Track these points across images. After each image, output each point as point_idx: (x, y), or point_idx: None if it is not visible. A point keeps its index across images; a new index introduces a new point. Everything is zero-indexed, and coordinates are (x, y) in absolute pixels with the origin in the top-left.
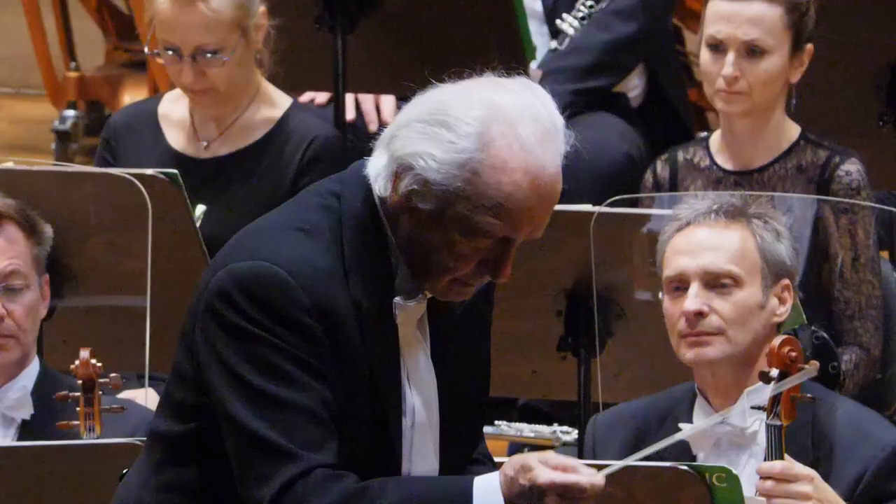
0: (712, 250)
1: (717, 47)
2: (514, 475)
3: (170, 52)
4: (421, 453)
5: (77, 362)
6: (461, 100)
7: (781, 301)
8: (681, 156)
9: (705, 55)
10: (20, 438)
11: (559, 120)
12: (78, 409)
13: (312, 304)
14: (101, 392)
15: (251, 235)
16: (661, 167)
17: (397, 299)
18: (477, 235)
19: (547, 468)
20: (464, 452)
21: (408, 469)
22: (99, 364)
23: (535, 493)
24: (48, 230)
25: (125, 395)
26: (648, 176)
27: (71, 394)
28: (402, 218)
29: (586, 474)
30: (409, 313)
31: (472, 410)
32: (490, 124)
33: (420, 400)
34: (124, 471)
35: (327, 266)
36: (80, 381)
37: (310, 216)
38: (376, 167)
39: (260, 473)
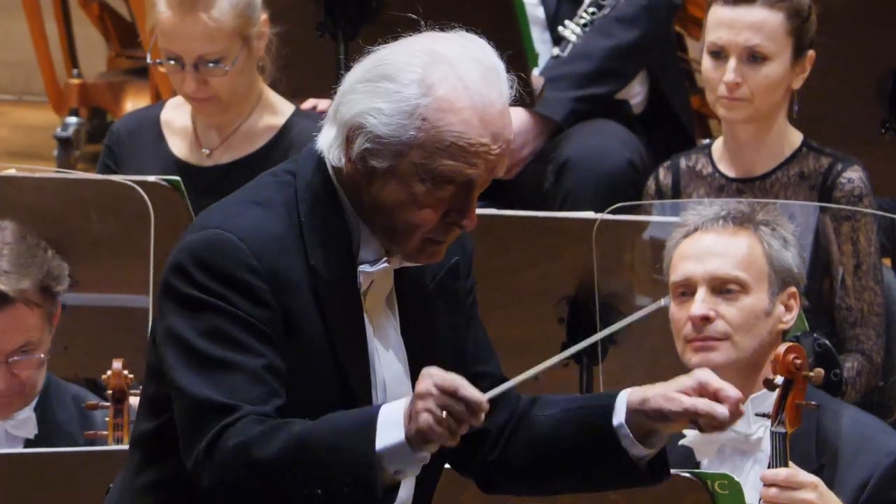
0: (719, 256)
1: (719, 54)
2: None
3: (171, 62)
4: None
5: (109, 373)
6: (401, 53)
7: (788, 308)
8: (683, 163)
9: (707, 62)
10: None
11: (499, 63)
12: (107, 419)
13: (262, 267)
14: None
15: (206, 212)
16: (664, 174)
17: (362, 266)
18: (437, 182)
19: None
20: None
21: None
22: (130, 375)
23: (418, 406)
24: (64, 280)
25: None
26: (651, 183)
27: (101, 403)
28: (361, 183)
29: (470, 389)
30: (376, 288)
31: None
32: (431, 69)
33: (391, 375)
34: (111, 485)
35: (281, 234)
36: (110, 392)
37: (265, 192)
38: (327, 140)
39: (200, 432)
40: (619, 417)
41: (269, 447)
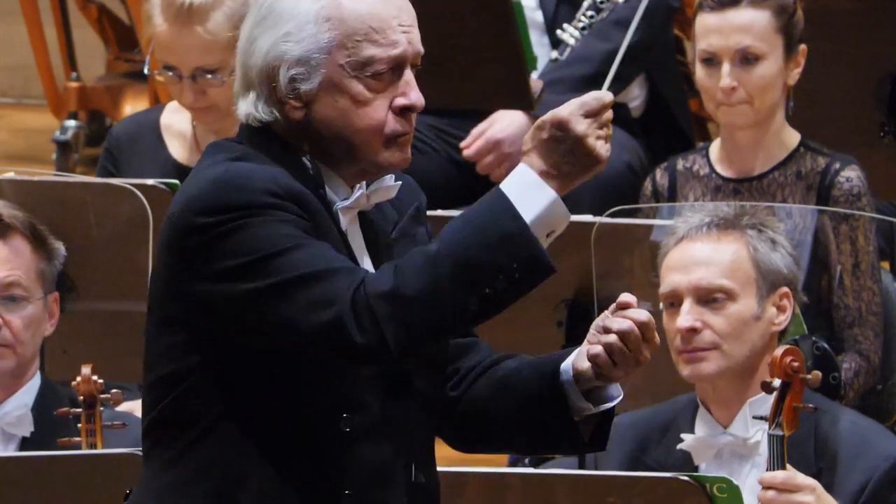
0: (704, 265)
1: (711, 60)
2: (538, 135)
3: (169, 73)
4: None
5: (78, 379)
6: None
7: (780, 310)
8: (680, 164)
9: (700, 71)
10: None
11: None
12: (79, 425)
13: (278, 186)
14: (102, 408)
15: (185, 185)
16: (661, 175)
17: (337, 204)
18: (370, 73)
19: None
20: (430, 379)
21: None
22: (100, 381)
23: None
24: (59, 248)
25: (125, 406)
26: (647, 184)
27: (72, 410)
28: (300, 118)
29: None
30: (349, 235)
31: None
32: None
33: None
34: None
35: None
36: (81, 398)
37: (227, 154)
38: (247, 104)
39: (318, 302)
40: (566, 365)
41: (414, 280)
